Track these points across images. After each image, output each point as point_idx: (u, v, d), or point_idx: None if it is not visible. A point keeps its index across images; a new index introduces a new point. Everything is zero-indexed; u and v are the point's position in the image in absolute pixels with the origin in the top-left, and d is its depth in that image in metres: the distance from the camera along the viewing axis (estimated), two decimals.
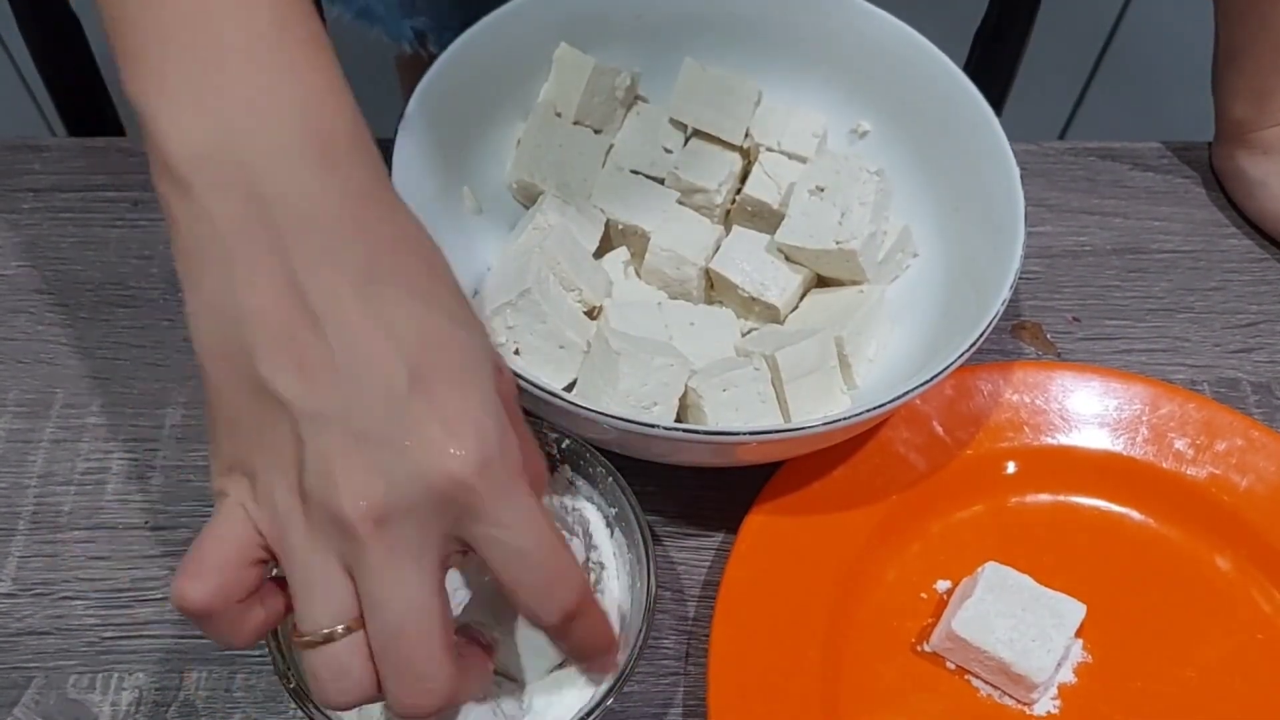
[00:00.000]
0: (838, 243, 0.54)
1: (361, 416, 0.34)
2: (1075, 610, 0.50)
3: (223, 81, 0.36)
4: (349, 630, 0.36)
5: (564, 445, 0.49)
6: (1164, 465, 0.56)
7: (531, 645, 0.45)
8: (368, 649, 0.36)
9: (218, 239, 0.35)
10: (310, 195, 0.36)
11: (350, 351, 0.35)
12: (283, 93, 0.36)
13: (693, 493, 0.56)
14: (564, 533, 0.50)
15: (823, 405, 0.52)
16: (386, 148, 0.52)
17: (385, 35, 0.82)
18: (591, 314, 0.55)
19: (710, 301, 0.58)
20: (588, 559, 0.49)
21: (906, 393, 0.48)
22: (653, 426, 0.47)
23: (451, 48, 0.56)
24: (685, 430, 0.47)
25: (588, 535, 0.49)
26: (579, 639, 0.39)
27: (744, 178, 0.60)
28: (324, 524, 0.35)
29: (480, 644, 0.41)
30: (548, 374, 0.51)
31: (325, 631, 0.36)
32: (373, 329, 0.35)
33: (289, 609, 0.38)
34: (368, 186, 0.37)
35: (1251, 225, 0.67)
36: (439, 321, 0.36)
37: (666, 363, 0.50)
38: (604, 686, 0.44)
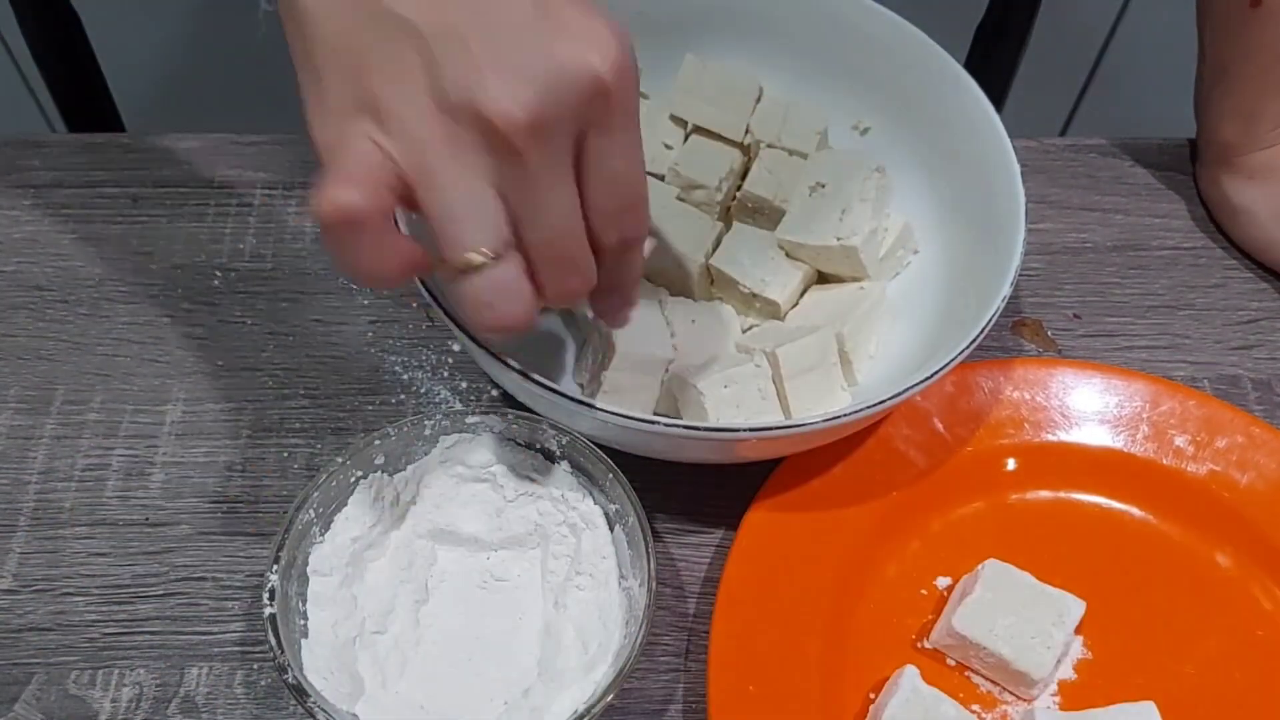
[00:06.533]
0: (838, 239, 0.54)
1: (498, 27, 0.34)
2: (1075, 607, 0.50)
3: None
4: (496, 256, 0.36)
5: (564, 442, 0.49)
6: (1164, 462, 0.56)
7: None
8: (524, 265, 0.37)
9: None
10: None
11: None
12: None
13: (693, 489, 0.56)
14: (563, 528, 0.50)
15: (823, 402, 0.52)
16: None
17: None
18: None
19: (711, 298, 0.58)
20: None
21: (907, 389, 0.48)
22: (653, 423, 0.47)
23: None
24: (686, 427, 0.47)
25: (592, 530, 0.49)
26: (619, 271, 0.41)
27: (744, 174, 0.60)
28: (472, 140, 0.35)
29: None
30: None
31: (476, 257, 0.36)
32: None
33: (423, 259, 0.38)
34: None
35: (1240, 251, 0.66)
36: None
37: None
38: (604, 683, 0.44)
